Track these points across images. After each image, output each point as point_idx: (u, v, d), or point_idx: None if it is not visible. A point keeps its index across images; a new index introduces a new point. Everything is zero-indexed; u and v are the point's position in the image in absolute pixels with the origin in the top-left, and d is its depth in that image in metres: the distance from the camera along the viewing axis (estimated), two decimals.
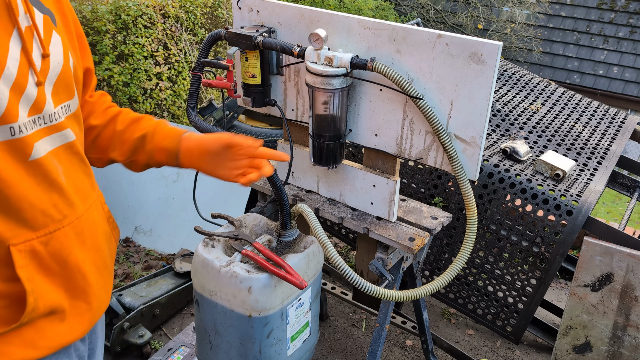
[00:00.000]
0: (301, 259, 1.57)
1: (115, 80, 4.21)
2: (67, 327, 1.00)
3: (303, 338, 1.70)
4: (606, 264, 2.03)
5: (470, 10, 9.33)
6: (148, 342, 2.42)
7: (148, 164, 1.24)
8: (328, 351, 2.58)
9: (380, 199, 1.80)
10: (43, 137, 0.92)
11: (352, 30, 1.59)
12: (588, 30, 8.88)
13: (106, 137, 1.21)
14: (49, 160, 0.93)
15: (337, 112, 1.63)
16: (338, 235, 3.00)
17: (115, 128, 1.21)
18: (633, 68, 8.41)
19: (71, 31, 1.04)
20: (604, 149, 2.59)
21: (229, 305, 1.52)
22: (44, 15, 0.95)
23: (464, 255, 1.68)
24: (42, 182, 0.92)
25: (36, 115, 0.90)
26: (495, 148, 2.42)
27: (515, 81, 3.04)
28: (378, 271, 1.76)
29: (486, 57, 1.41)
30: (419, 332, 2.28)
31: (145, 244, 3.22)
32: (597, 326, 2.14)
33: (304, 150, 1.91)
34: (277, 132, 3.40)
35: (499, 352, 2.64)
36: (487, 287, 2.45)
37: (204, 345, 1.68)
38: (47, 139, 0.93)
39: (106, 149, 1.21)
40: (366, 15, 7.70)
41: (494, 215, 2.30)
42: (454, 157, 1.56)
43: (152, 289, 2.62)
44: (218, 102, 3.36)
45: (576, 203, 2.14)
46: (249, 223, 1.73)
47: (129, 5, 4.38)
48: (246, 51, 1.67)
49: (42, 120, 0.91)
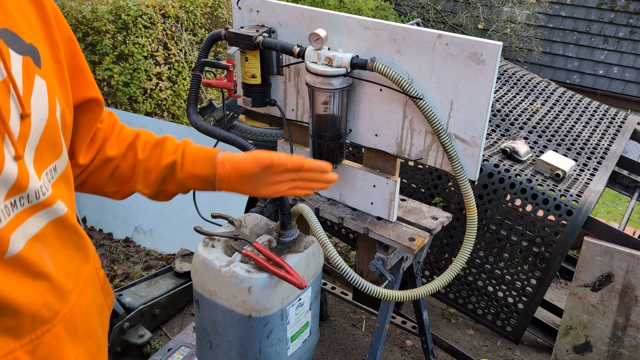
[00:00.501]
0: (301, 259, 1.57)
1: (115, 80, 4.21)
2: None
3: (303, 338, 1.70)
4: (606, 264, 2.03)
5: (470, 10, 9.33)
6: (148, 342, 2.42)
7: (178, 192, 1.13)
8: (328, 351, 2.58)
9: (380, 199, 1.80)
10: (24, 221, 0.74)
11: (352, 30, 1.59)
12: (588, 30, 8.88)
13: (127, 167, 1.06)
14: (30, 250, 0.75)
15: (337, 112, 1.63)
16: (338, 235, 3.00)
17: (136, 156, 1.06)
18: (633, 68, 8.41)
19: (61, 61, 0.85)
20: (604, 149, 2.59)
21: (229, 305, 1.52)
22: (24, 57, 0.75)
23: (464, 255, 1.68)
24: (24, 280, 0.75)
25: (17, 196, 0.72)
26: (495, 148, 2.42)
27: (515, 81, 3.04)
28: (378, 271, 1.76)
29: (486, 57, 1.41)
30: (419, 332, 2.28)
31: (145, 244, 3.22)
32: (597, 326, 2.14)
33: (304, 150, 1.91)
34: (277, 132, 3.40)
35: (499, 352, 2.64)
36: (487, 287, 2.45)
37: (204, 345, 1.68)
38: (29, 221, 0.75)
39: (127, 181, 1.07)
40: (366, 15, 7.70)
41: (494, 215, 2.30)
42: (454, 157, 1.56)
43: (152, 289, 2.62)
44: (218, 102, 3.36)
45: (576, 203, 2.14)
46: (249, 223, 1.73)
47: (129, 5, 4.38)
48: (246, 51, 1.67)
49: (24, 199, 0.74)
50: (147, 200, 1.20)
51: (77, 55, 0.90)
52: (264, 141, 3.38)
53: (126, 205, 3.28)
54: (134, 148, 1.06)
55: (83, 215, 3.40)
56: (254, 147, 1.56)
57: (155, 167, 1.08)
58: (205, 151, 1.12)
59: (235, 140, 1.55)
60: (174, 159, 1.08)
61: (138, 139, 1.08)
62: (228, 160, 1.11)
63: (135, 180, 1.07)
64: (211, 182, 1.11)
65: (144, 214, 3.24)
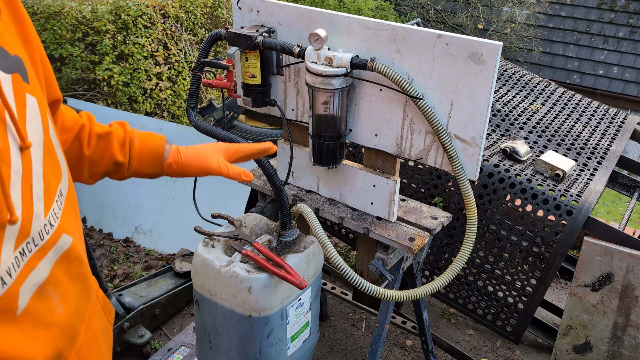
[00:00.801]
0: (301, 259, 1.57)
1: (115, 80, 4.21)
2: None
3: (303, 338, 1.70)
4: (606, 264, 2.03)
5: (470, 10, 9.33)
6: (148, 342, 2.42)
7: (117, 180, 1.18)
8: (328, 351, 2.57)
9: (380, 199, 1.80)
10: (34, 269, 0.69)
11: (352, 30, 1.59)
12: (588, 30, 8.88)
13: (71, 159, 1.06)
14: (40, 299, 0.71)
15: (337, 112, 1.63)
16: (338, 235, 3.00)
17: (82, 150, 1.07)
18: (633, 68, 8.41)
19: (37, 62, 0.78)
20: (604, 149, 2.59)
21: (229, 305, 1.52)
22: (12, 75, 0.67)
23: (464, 255, 1.68)
24: (38, 333, 0.71)
25: (24, 243, 0.67)
26: (495, 148, 2.42)
27: (515, 81, 3.04)
28: (378, 271, 1.76)
29: (486, 57, 1.41)
30: (419, 332, 2.28)
31: (145, 244, 3.22)
32: (597, 326, 2.14)
33: (304, 150, 1.91)
34: (277, 132, 3.40)
35: (499, 352, 2.64)
36: (487, 287, 2.45)
37: (204, 345, 1.68)
38: (38, 267, 0.70)
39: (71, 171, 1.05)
40: (366, 15, 7.70)
41: (494, 215, 2.30)
42: (454, 157, 1.56)
43: (152, 289, 2.62)
44: (218, 102, 3.36)
45: (576, 203, 2.14)
46: (249, 223, 1.73)
47: (129, 5, 4.38)
48: (246, 51, 1.67)
49: (31, 244, 0.68)
50: (147, 200, 1.22)
51: (44, 54, 0.82)
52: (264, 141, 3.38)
53: (126, 205, 3.28)
54: (79, 140, 1.05)
55: (83, 215, 3.40)
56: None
57: (100, 161, 1.08)
58: (151, 150, 1.13)
59: (235, 140, 1.55)
60: (121, 160, 1.09)
61: (83, 130, 1.05)
62: (176, 162, 1.16)
63: (80, 172, 1.07)
64: (156, 177, 1.17)
65: (144, 214, 3.24)
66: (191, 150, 1.20)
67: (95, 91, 4.29)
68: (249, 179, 1.26)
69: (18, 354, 0.67)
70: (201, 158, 1.19)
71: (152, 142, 1.14)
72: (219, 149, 1.24)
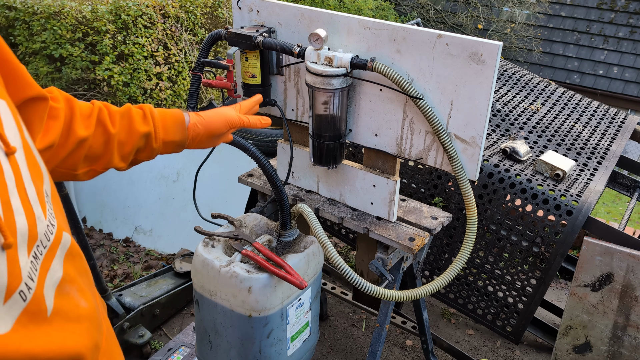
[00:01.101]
0: (301, 259, 1.57)
1: (115, 80, 4.21)
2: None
3: (303, 338, 1.70)
4: (606, 264, 2.03)
5: (470, 10, 9.33)
6: (148, 342, 2.42)
7: (147, 160, 1.14)
8: (328, 351, 2.58)
9: (380, 199, 1.80)
10: (49, 270, 0.68)
11: (352, 30, 1.59)
12: (588, 30, 8.88)
13: (99, 144, 1.01)
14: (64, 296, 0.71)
15: (337, 112, 1.63)
16: (338, 235, 3.00)
17: (108, 131, 1.02)
18: (633, 68, 8.41)
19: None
20: (604, 149, 2.59)
21: (229, 305, 1.52)
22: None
23: (464, 255, 1.68)
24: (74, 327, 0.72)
25: (35, 247, 0.65)
26: (495, 148, 2.42)
27: (515, 81, 3.04)
28: (378, 271, 1.76)
29: (486, 57, 1.41)
30: (419, 332, 2.28)
31: (145, 244, 3.22)
32: (597, 326, 2.14)
33: (304, 150, 1.91)
34: (277, 132, 3.40)
35: (499, 352, 2.64)
36: (487, 287, 2.45)
37: (204, 345, 1.68)
38: (52, 267, 0.70)
39: (100, 158, 1.03)
40: (366, 15, 7.70)
41: (494, 215, 2.30)
42: (454, 157, 1.56)
43: (152, 289, 2.62)
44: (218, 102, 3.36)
45: (576, 203, 2.14)
46: (249, 223, 1.73)
47: (129, 5, 4.38)
48: (246, 51, 1.67)
49: (40, 247, 0.67)
50: (147, 200, 1.22)
51: (3, 48, 0.75)
52: (264, 141, 3.38)
53: (126, 205, 3.28)
54: (102, 123, 1.01)
55: (83, 215, 3.40)
56: (254, 148, 1.56)
57: (128, 139, 1.05)
58: (172, 116, 1.13)
59: (235, 140, 1.55)
60: (147, 129, 1.07)
61: (102, 112, 1.02)
62: (200, 122, 1.17)
63: (110, 155, 1.03)
64: (183, 145, 1.15)
65: (144, 214, 3.24)
66: (208, 112, 1.22)
67: (95, 91, 4.29)
68: (268, 123, 1.32)
69: (62, 350, 0.67)
70: (220, 114, 1.22)
71: (170, 110, 1.14)
72: (229, 108, 1.28)
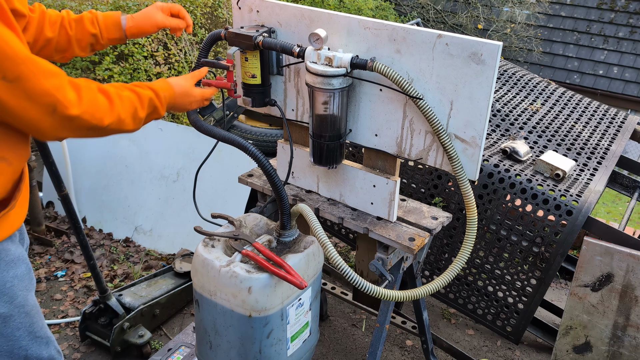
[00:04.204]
0: (301, 259, 1.57)
1: (115, 80, 4.21)
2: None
3: (303, 338, 1.71)
4: (606, 264, 2.03)
5: (470, 10, 9.33)
6: (148, 342, 2.42)
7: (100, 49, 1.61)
8: (328, 351, 2.58)
9: (380, 199, 1.80)
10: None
11: (352, 30, 1.59)
12: (588, 30, 8.88)
13: (63, 41, 1.50)
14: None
15: (337, 112, 1.63)
16: (338, 235, 3.00)
17: (68, 33, 1.49)
18: (633, 68, 8.41)
19: None
20: (604, 149, 2.59)
21: (229, 305, 1.52)
22: None
23: (464, 255, 1.68)
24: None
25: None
26: (495, 148, 2.42)
27: (515, 81, 3.04)
28: (378, 271, 1.76)
29: (486, 57, 1.41)
30: (419, 332, 2.28)
31: (145, 244, 3.22)
32: (597, 326, 2.14)
33: (304, 150, 1.91)
34: (277, 132, 3.40)
35: (499, 352, 2.64)
36: (487, 287, 2.45)
37: (204, 345, 1.68)
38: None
39: (66, 50, 1.52)
40: (366, 15, 7.70)
41: (494, 215, 2.30)
42: (454, 157, 1.56)
43: (152, 289, 2.62)
44: (218, 102, 3.36)
45: (576, 203, 2.14)
46: (249, 223, 1.73)
47: (128, 5, 4.38)
48: (246, 51, 1.67)
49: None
50: (147, 200, 1.25)
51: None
52: (264, 141, 3.39)
53: (126, 205, 3.28)
54: (64, 27, 1.49)
55: (83, 216, 3.40)
56: (254, 148, 1.56)
57: (83, 37, 1.53)
58: (111, 19, 1.56)
59: (235, 140, 1.55)
60: (94, 32, 1.53)
61: (64, 19, 1.49)
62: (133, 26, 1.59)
63: (72, 49, 1.52)
64: (123, 40, 1.60)
65: (144, 214, 3.24)
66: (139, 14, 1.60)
67: None
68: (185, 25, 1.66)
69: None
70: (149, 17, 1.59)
71: (111, 15, 1.56)
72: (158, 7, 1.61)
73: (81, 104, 1.16)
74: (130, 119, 1.28)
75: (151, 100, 1.34)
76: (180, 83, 1.45)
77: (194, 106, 1.53)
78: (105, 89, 1.24)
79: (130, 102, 1.28)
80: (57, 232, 3.28)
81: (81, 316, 2.43)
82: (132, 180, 3.28)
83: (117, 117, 1.24)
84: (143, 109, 1.31)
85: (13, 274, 1.29)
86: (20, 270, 1.32)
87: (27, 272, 1.35)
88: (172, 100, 1.43)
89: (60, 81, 1.13)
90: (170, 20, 1.62)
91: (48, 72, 1.11)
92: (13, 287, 1.29)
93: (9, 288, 1.29)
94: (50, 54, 1.49)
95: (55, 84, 1.12)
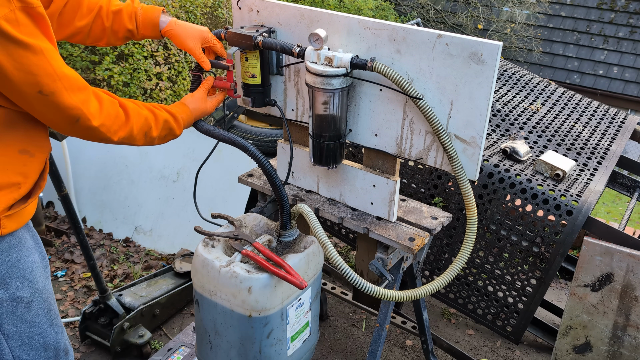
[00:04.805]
0: (301, 259, 1.57)
1: (115, 80, 4.21)
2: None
3: (303, 338, 1.71)
4: (606, 264, 2.03)
5: (470, 10, 9.33)
6: (148, 342, 2.42)
7: (135, 40, 1.62)
8: (328, 351, 2.58)
9: (380, 199, 1.80)
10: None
11: (352, 30, 1.59)
12: (588, 30, 8.88)
13: (98, 30, 1.51)
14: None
15: (337, 112, 1.63)
16: (338, 235, 3.00)
17: (104, 24, 1.51)
18: (633, 68, 8.41)
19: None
20: (604, 149, 2.59)
21: (229, 305, 1.52)
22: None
23: (464, 255, 1.68)
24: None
25: None
26: (495, 148, 2.42)
27: (515, 81, 3.04)
28: (378, 271, 1.76)
29: (486, 57, 1.41)
30: (419, 332, 2.28)
31: (145, 244, 3.22)
32: (597, 326, 2.14)
33: (304, 150, 1.91)
34: (277, 132, 3.40)
35: (499, 352, 2.64)
36: (487, 287, 2.45)
37: (204, 345, 1.68)
38: None
39: (101, 39, 1.54)
40: (366, 15, 7.70)
41: (494, 215, 2.30)
42: (454, 157, 1.56)
43: (152, 289, 2.62)
44: None
45: (576, 203, 2.14)
46: (249, 223, 1.73)
47: None
48: (246, 51, 1.67)
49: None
50: (147, 200, 1.27)
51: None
52: (264, 141, 3.39)
53: (126, 205, 3.28)
54: (100, 17, 1.50)
55: (83, 216, 3.40)
56: (254, 148, 1.56)
57: (119, 30, 1.53)
58: (150, 17, 1.55)
59: (235, 140, 1.55)
60: (131, 28, 1.54)
61: (102, 10, 1.50)
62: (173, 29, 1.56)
63: (107, 38, 1.54)
64: (158, 37, 1.58)
65: (144, 214, 3.24)
66: (183, 27, 1.56)
67: None
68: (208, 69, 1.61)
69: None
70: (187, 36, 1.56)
71: (152, 12, 1.55)
72: (202, 35, 1.58)
73: (101, 116, 1.25)
74: (142, 135, 1.37)
75: (167, 122, 1.43)
76: (196, 106, 1.55)
77: (205, 115, 1.63)
78: (125, 105, 1.33)
79: (145, 121, 1.37)
80: (57, 232, 3.28)
81: (81, 316, 2.43)
82: (132, 180, 3.28)
83: (129, 132, 1.33)
84: (157, 129, 1.40)
85: (32, 260, 1.33)
86: (37, 256, 1.37)
87: (42, 258, 1.40)
88: (190, 121, 1.53)
89: (86, 95, 1.22)
90: (200, 56, 1.58)
91: (77, 87, 1.19)
92: (33, 272, 1.33)
93: (30, 273, 1.32)
94: (82, 39, 1.52)
95: (82, 98, 1.21)
